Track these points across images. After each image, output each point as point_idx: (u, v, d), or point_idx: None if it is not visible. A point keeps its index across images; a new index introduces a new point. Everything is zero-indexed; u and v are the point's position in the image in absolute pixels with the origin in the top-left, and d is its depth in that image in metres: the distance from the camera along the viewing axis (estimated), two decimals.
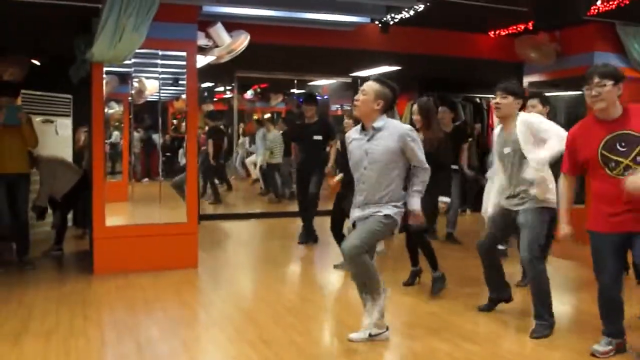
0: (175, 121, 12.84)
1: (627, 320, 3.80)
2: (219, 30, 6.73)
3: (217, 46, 6.93)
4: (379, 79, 3.86)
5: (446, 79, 10.34)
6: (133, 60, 6.25)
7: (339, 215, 6.04)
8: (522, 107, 4.47)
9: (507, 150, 4.29)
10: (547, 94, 5.60)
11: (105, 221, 5.95)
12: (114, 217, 6.16)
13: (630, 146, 3.40)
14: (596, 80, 3.42)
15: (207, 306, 5.02)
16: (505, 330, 4.31)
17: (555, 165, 4.09)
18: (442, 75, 10.33)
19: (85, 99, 6.33)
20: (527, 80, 8.72)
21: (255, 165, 13.12)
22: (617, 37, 7.66)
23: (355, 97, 3.85)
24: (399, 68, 9.92)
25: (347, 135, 4.08)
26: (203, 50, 7.01)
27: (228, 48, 6.91)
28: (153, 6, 5.52)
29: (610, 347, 3.63)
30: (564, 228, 3.71)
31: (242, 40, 6.95)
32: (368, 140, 3.83)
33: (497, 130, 4.53)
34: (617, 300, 3.58)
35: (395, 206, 3.83)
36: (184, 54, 6.22)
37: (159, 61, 6.79)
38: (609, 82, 3.41)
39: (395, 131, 3.78)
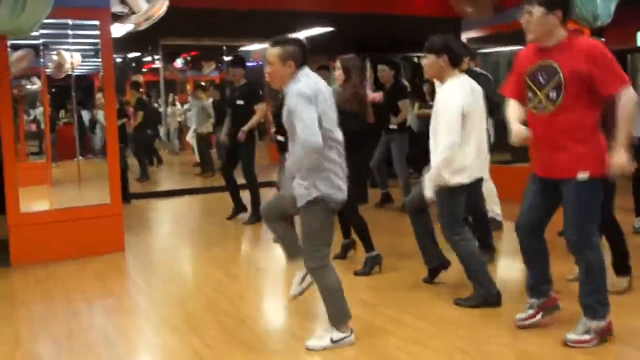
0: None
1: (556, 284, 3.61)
2: None
3: (133, 13, 6.47)
4: (275, 40, 3.33)
5: (382, 39, 10.05)
6: (41, 31, 5.74)
7: None
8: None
9: None
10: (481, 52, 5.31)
11: (19, 207, 5.47)
12: (35, 202, 5.70)
13: (548, 79, 3.09)
14: (525, 6, 3.09)
15: (133, 293, 4.71)
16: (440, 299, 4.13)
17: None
18: (377, 35, 10.03)
19: None
20: (465, 36, 8.48)
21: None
22: None
23: (265, 71, 3.40)
24: (332, 29, 9.61)
25: None
26: (119, 18, 6.54)
27: (146, 14, 6.45)
28: None
29: (533, 311, 3.44)
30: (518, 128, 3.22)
31: (161, 5, 6.50)
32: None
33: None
34: (537, 247, 3.32)
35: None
36: (97, 22, 5.73)
37: (69, 32, 6.32)
38: (539, 9, 3.01)
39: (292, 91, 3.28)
